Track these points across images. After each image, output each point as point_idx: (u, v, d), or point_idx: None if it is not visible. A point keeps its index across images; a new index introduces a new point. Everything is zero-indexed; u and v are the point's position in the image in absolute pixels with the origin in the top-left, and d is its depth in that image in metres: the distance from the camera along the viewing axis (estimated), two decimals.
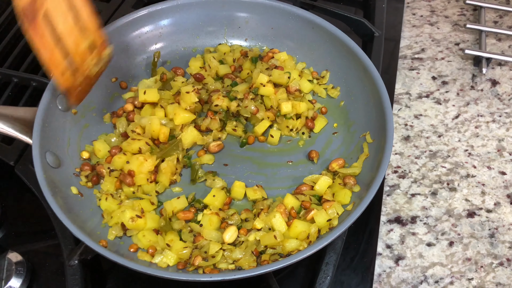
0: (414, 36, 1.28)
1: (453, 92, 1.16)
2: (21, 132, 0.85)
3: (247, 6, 1.05)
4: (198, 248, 0.82)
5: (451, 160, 1.04)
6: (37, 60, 1.12)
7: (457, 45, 1.25)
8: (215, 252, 0.79)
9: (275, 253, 0.81)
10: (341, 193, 0.86)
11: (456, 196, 0.99)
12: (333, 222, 0.83)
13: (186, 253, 0.80)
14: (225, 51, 1.07)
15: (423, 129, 1.09)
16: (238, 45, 1.08)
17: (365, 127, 0.93)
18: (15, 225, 0.94)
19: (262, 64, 1.03)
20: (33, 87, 1.07)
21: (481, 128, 1.09)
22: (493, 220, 0.95)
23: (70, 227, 0.75)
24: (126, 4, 1.22)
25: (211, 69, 1.04)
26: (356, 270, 0.88)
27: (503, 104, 1.13)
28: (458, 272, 0.89)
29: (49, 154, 0.85)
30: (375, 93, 0.91)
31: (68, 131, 0.92)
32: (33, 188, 0.91)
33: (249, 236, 0.82)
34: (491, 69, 1.20)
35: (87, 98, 0.89)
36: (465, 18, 1.32)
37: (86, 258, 0.83)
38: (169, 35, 1.06)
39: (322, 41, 1.02)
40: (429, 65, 1.21)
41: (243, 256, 0.79)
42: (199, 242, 0.82)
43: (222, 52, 1.07)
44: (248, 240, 0.82)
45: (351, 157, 0.93)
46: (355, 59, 0.96)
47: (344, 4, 1.33)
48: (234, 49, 1.07)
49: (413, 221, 0.95)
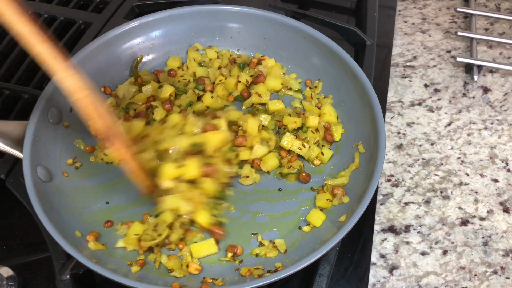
0: (406, 44, 1.28)
1: (445, 100, 1.16)
2: (11, 146, 0.84)
3: (239, 17, 1.05)
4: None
5: (444, 168, 1.04)
6: (29, 72, 1.13)
7: (449, 53, 1.26)
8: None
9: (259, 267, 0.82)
10: (313, 215, 0.87)
11: (449, 204, 0.99)
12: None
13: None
14: (211, 57, 1.07)
15: (416, 137, 1.09)
16: (226, 50, 1.08)
17: (357, 137, 0.93)
18: (6, 239, 0.93)
19: (249, 70, 1.04)
20: (25, 99, 1.06)
21: (473, 135, 1.09)
22: (487, 228, 0.95)
23: (61, 242, 0.75)
24: (117, 15, 1.22)
25: (188, 70, 1.05)
26: (350, 280, 0.88)
27: (494, 111, 1.13)
28: (452, 281, 0.89)
29: (40, 168, 0.84)
30: (367, 103, 0.91)
31: (60, 144, 0.91)
32: (24, 202, 0.89)
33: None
34: (483, 76, 1.20)
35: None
36: (456, 26, 1.32)
37: (78, 272, 0.82)
38: (161, 46, 1.06)
39: (313, 51, 1.02)
40: (421, 72, 1.22)
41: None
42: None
43: (209, 56, 1.07)
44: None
45: (343, 167, 0.93)
46: (347, 68, 0.96)
47: (336, 12, 1.34)
48: (222, 54, 1.08)
49: (407, 230, 0.95)
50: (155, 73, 1.05)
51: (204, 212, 0.85)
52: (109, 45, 0.99)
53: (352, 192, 0.87)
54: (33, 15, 1.22)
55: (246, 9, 1.04)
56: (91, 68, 0.97)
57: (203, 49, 1.08)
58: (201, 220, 0.84)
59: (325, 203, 0.88)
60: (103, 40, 0.98)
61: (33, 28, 0.68)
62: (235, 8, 1.05)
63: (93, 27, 1.20)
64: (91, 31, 1.19)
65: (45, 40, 0.69)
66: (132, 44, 1.03)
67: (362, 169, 0.88)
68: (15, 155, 0.84)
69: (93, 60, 0.98)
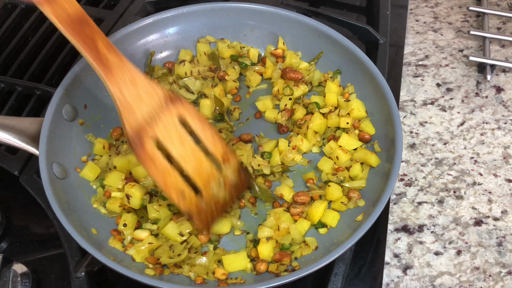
0: (418, 43, 1.28)
1: (457, 99, 1.16)
2: (27, 143, 0.84)
3: (253, 14, 1.04)
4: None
5: (457, 167, 1.04)
6: (41, 68, 1.13)
7: (461, 52, 1.25)
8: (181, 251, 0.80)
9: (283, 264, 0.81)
10: (329, 215, 0.86)
11: (463, 204, 0.98)
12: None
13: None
14: (222, 48, 1.06)
15: (429, 137, 1.09)
16: (237, 42, 1.08)
17: (373, 136, 0.93)
18: (20, 236, 0.94)
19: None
20: (37, 96, 1.06)
21: (486, 135, 1.09)
22: (501, 228, 0.95)
23: (78, 240, 0.75)
24: (129, 12, 1.21)
25: (199, 64, 1.05)
26: (364, 280, 0.87)
27: (508, 111, 1.13)
28: (466, 282, 0.88)
29: (56, 165, 0.84)
30: (383, 102, 0.91)
31: (75, 142, 0.91)
32: (38, 198, 0.90)
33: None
34: (496, 76, 1.20)
35: (93, 107, 0.88)
36: (468, 25, 1.32)
37: (93, 269, 0.82)
38: (174, 43, 1.06)
39: (328, 49, 1.01)
40: (433, 72, 1.21)
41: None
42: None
43: (221, 49, 1.06)
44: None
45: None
46: (362, 67, 0.96)
47: (347, 11, 1.33)
48: (233, 46, 1.07)
49: (420, 230, 0.95)
50: (166, 65, 1.04)
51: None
52: (124, 42, 0.98)
53: (368, 192, 0.87)
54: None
55: (260, 7, 1.04)
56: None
57: (215, 41, 1.07)
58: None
59: (339, 206, 0.88)
60: (118, 37, 0.97)
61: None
62: (249, 5, 1.04)
63: (104, 23, 1.19)
64: (103, 28, 1.18)
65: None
66: (146, 41, 1.03)
67: (378, 169, 0.88)
68: (31, 151, 0.84)
69: None
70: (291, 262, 0.81)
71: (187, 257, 0.81)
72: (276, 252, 0.82)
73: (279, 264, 0.81)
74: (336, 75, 1.02)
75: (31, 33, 1.20)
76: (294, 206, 0.87)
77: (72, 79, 0.91)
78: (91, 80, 0.94)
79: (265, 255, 0.81)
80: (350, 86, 1.00)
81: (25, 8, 1.26)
